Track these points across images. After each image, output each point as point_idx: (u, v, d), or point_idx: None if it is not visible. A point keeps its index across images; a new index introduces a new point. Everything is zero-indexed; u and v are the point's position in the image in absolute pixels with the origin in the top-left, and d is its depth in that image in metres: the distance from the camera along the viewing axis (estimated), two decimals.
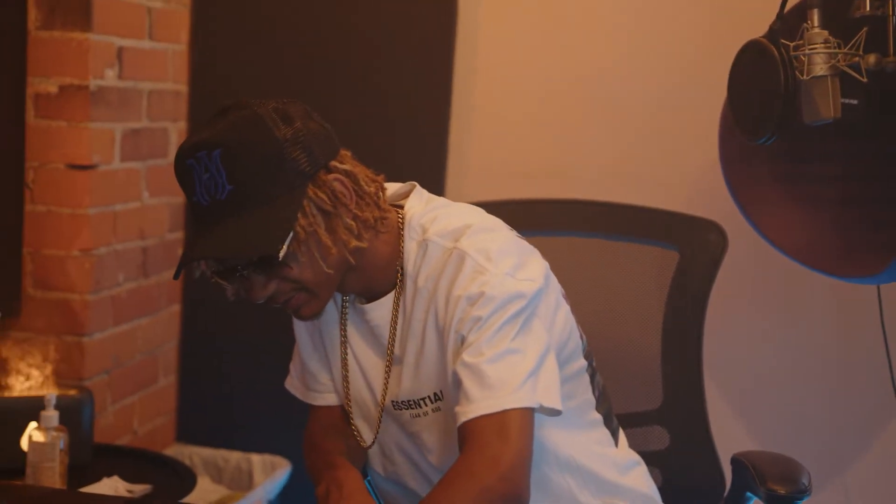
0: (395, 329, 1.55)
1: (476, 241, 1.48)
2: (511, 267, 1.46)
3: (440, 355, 1.50)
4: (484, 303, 1.43)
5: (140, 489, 1.98)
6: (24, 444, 1.94)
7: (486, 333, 1.41)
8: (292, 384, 1.73)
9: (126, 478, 2.03)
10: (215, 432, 2.84)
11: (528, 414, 1.40)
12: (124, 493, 1.94)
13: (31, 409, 1.98)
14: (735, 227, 2.18)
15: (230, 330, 2.82)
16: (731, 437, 2.36)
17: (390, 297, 1.55)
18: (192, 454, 2.82)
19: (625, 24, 2.59)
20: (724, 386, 2.60)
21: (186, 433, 2.86)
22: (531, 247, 1.57)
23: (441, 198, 1.61)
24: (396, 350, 1.55)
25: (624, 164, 2.61)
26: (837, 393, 2.55)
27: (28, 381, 2.17)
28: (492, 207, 1.66)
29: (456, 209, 1.57)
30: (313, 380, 1.69)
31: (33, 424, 1.94)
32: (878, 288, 2.28)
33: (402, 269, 1.53)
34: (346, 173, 1.48)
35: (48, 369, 2.20)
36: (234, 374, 2.84)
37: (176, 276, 1.47)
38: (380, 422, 1.61)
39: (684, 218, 2.04)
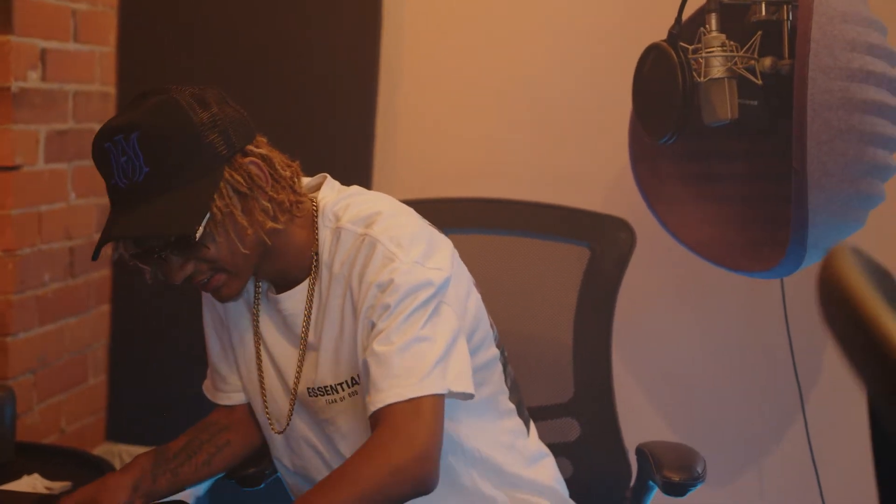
0: (308, 316, 1.58)
1: (387, 228, 1.51)
2: (420, 255, 1.50)
3: (356, 340, 1.53)
4: (393, 290, 1.46)
5: (59, 486, 1.99)
6: None
7: (395, 322, 1.45)
8: (206, 386, 1.79)
9: (48, 476, 2.03)
10: (146, 431, 2.85)
11: (439, 401, 1.44)
12: (43, 491, 1.95)
13: None
14: (646, 225, 2.25)
15: (161, 329, 2.83)
16: (642, 429, 2.42)
17: (304, 285, 1.58)
18: (121, 452, 2.83)
19: (543, 28, 2.64)
20: (636, 379, 2.66)
21: (117, 432, 2.87)
22: (440, 234, 1.60)
23: (353, 186, 1.64)
24: (311, 337, 1.58)
25: (541, 163, 2.66)
26: (744, 383, 2.61)
27: None
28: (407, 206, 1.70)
29: (367, 197, 1.61)
30: (221, 380, 1.73)
31: None
32: (782, 282, 2.35)
33: (317, 256, 1.57)
34: (263, 157, 1.52)
35: None
36: (165, 373, 2.85)
37: (94, 258, 1.49)
38: (290, 413, 1.64)
39: (594, 216, 2.09)
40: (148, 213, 1.44)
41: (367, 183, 2.71)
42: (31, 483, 1.98)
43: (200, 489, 2.63)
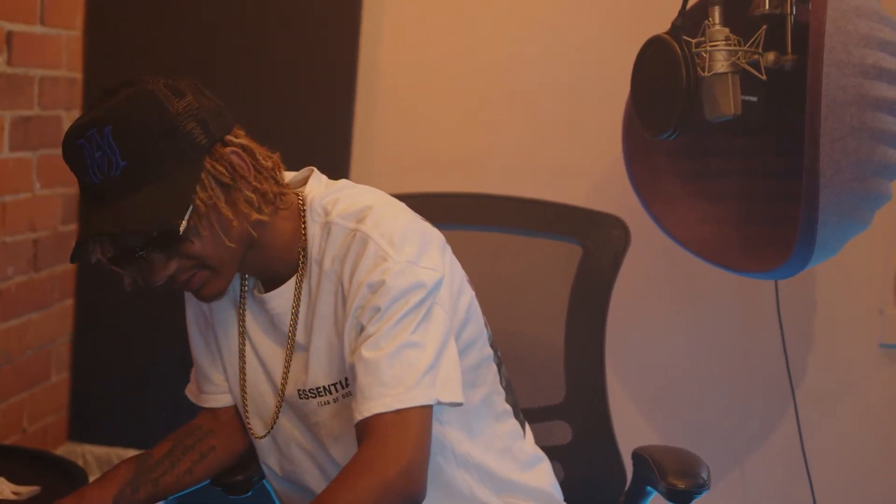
0: (296, 315, 1.52)
1: (378, 224, 1.46)
2: (414, 254, 1.44)
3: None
4: (384, 292, 1.41)
5: (27, 491, 1.90)
6: None
7: (386, 325, 1.40)
8: (189, 389, 1.71)
9: (13, 479, 1.94)
10: (109, 430, 2.76)
11: (427, 411, 1.39)
12: (10, 496, 1.86)
13: None
14: (639, 222, 2.20)
15: (126, 325, 2.74)
16: (631, 430, 2.38)
17: (291, 283, 1.52)
18: (84, 452, 2.74)
19: (531, 17, 2.59)
20: (624, 380, 2.62)
21: (79, 431, 2.78)
22: (433, 229, 1.55)
23: (342, 180, 1.58)
24: (299, 337, 1.52)
25: (529, 158, 2.61)
26: (736, 387, 2.59)
27: None
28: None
29: (357, 191, 1.55)
30: (206, 381, 1.66)
31: None
32: (776, 283, 2.32)
33: (304, 252, 1.51)
34: (243, 147, 1.46)
35: None
36: (130, 371, 2.76)
37: (72, 260, 1.42)
38: (276, 415, 1.57)
39: (587, 213, 2.04)
40: (127, 208, 1.37)
41: (344, 177, 2.63)
42: None
43: None
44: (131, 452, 2.71)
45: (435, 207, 2.08)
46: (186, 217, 1.38)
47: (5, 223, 2.40)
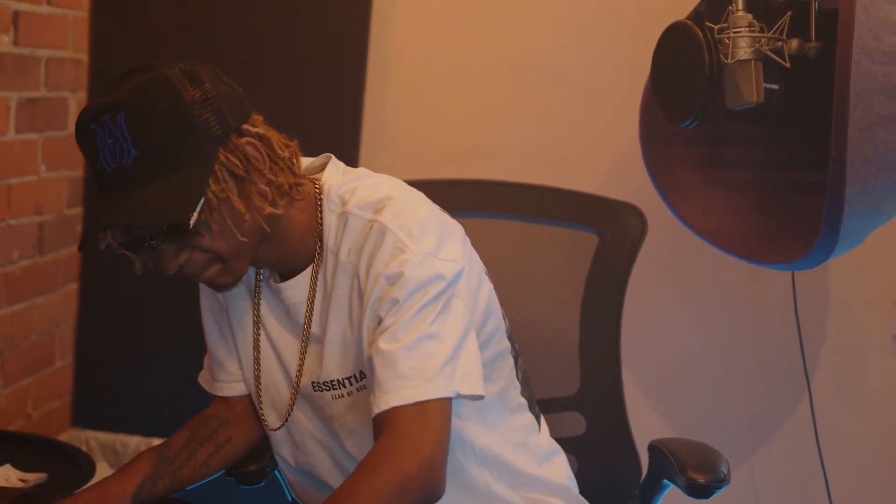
0: (312, 306, 1.49)
1: (397, 215, 1.43)
2: (433, 246, 1.41)
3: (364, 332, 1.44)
4: (403, 284, 1.38)
5: (34, 478, 1.87)
6: None
7: (404, 318, 1.37)
8: (203, 377, 1.68)
9: (19, 466, 1.92)
10: (113, 416, 2.74)
11: (446, 404, 1.36)
12: (17, 483, 1.83)
13: None
14: (654, 211, 2.17)
15: (130, 310, 2.72)
16: (643, 422, 2.36)
17: (307, 273, 1.49)
18: (88, 439, 2.72)
19: (544, 5, 2.55)
20: (636, 372, 2.59)
21: (83, 417, 2.76)
22: (453, 221, 1.52)
23: (360, 168, 1.55)
24: (315, 328, 1.49)
25: (542, 145, 2.58)
26: (749, 379, 2.57)
27: None
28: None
29: (375, 180, 1.51)
30: (220, 369, 1.63)
31: None
32: (793, 274, 2.29)
33: (321, 241, 1.47)
34: (259, 137, 1.42)
35: None
36: (134, 356, 2.74)
37: (81, 249, 1.39)
38: (291, 406, 1.55)
39: (604, 201, 2.01)
40: (138, 199, 1.34)
41: (353, 164, 2.60)
42: (5, 475, 1.86)
43: None
44: (135, 439, 2.70)
45: (448, 194, 2.04)
46: (198, 210, 1.35)
47: (11, 206, 2.37)
